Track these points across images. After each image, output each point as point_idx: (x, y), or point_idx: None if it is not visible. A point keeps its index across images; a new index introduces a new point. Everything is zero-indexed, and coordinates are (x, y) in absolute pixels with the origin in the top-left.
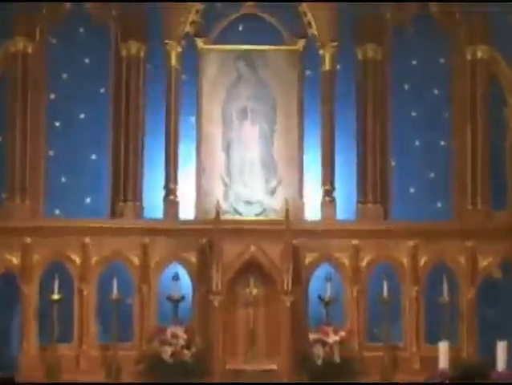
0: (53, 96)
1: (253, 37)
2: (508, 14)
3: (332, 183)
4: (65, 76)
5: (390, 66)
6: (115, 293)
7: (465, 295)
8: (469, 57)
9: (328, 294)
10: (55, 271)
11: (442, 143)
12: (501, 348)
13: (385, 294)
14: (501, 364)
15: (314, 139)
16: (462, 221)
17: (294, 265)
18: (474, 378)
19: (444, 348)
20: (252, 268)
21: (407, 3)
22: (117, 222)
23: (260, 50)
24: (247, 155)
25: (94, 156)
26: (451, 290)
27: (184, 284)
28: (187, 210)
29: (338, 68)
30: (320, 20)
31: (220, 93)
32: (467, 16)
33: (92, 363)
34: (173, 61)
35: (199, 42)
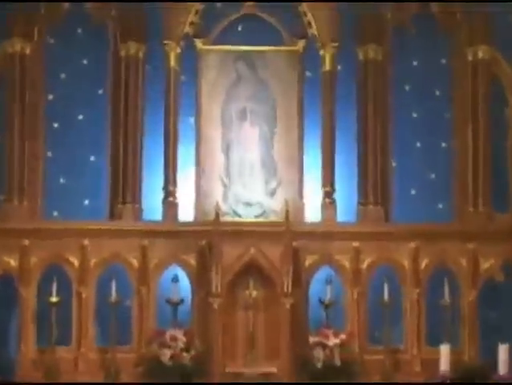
0: (51, 97)
1: (252, 37)
2: (509, 15)
3: (332, 184)
4: (63, 77)
5: (391, 66)
6: (113, 295)
7: (467, 297)
8: (470, 57)
9: (328, 297)
10: (54, 273)
11: (443, 144)
12: (502, 351)
13: (386, 297)
14: (502, 367)
15: (314, 140)
16: (463, 223)
17: (294, 268)
18: (475, 381)
19: (445, 351)
20: (252, 270)
21: (407, 3)
22: (116, 224)
23: (260, 50)
24: (247, 156)
25: (92, 158)
26: (452, 293)
27: (183, 286)
28: (186, 212)
29: (338, 69)
30: (320, 20)
31: (219, 94)
32: (468, 16)
33: (91, 366)
34: (172, 61)
35: (198, 42)
